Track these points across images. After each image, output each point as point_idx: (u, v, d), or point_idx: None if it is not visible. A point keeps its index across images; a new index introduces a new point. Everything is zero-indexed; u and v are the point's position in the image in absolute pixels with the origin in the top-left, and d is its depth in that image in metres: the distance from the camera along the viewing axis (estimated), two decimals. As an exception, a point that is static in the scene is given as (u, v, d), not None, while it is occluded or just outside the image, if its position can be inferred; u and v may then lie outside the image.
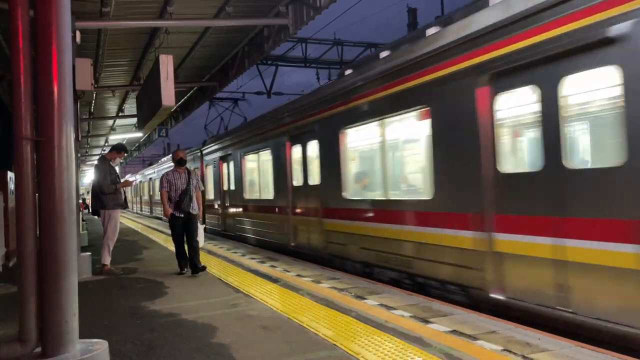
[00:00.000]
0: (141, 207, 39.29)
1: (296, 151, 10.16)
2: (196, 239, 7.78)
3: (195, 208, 7.85)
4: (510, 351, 3.84)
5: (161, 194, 7.88)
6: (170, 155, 9.57)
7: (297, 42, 19.16)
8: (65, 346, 2.96)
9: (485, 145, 5.35)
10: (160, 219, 27.24)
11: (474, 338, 4.19)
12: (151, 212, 32.73)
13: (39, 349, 2.99)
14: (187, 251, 7.77)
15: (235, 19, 8.86)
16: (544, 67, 4.73)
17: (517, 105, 5.19)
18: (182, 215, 7.69)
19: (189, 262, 7.75)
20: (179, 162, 8.03)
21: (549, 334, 4.33)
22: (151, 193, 33.38)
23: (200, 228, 8.18)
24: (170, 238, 8.16)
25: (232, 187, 14.68)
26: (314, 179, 9.42)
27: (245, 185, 13.72)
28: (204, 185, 12.79)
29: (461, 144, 5.72)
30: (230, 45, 11.19)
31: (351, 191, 8.34)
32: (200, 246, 8.09)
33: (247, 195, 13.57)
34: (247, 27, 9.96)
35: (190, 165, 16.18)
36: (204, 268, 7.66)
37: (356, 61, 12.62)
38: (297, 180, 10.15)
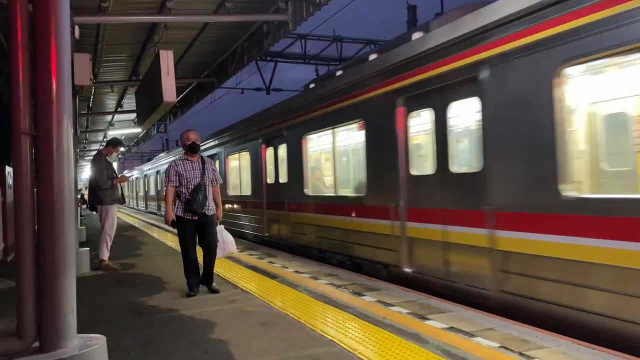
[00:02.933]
0: (146, 205, 38.01)
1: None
2: (215, 249, 6.08)
3: (212, 208, 6.06)
4: (507, 348, 3.86)
5: (166, 191, 6.05)
6: (180, 142, 6.58)
7: (296, 39, 19.16)
8: (63, 341, 2.96)
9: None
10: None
11: (472, 335, 4.20)
12: (146, 208, 32.70)
13: (37, 344, 2.99)
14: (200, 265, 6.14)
15: (235, 14, 8.83)
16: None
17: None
18: (195, 218, 5.92)
19: (202, 278, 6.10)
20: (192, 148, 6.08)
21: (546, 332, 4.35)
22: (146, 189, 32.95)
23: (225, 231, 6.38)
24: (164, 240, 7.81)
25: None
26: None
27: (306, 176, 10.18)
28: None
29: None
30: (230, 41, 11.16)
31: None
32: (233, 254, 6.80)
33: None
34: (247, 23, 9.93)
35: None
36: (217, 291, 6.02)
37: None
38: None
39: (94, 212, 8.51)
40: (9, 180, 9.28)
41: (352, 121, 8.19)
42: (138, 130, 22.17)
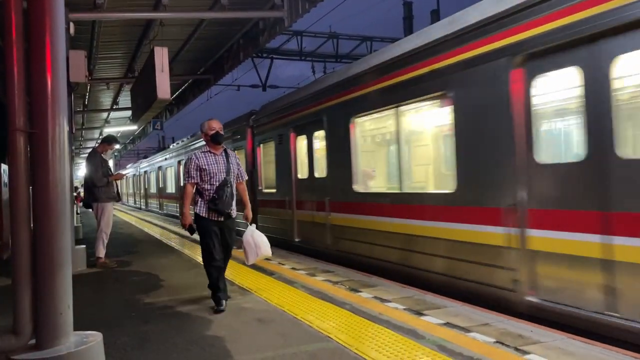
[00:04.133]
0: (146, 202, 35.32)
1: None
2: (230, 256, 5.53)
3: (235, 209, 5.41)
4: (502, 343, 3.88)
5: (184, 188, 5.28)
6: (201, 132, 5.67)
7: (292, 35, 19.13)
8: (60, 338, 2.97)
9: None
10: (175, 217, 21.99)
11: (467, 330, 4.22)
12: (147, 206, 30.36)
13: (33, 341, 3.00)
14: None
15: (230, 11, 8.80)
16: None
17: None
18: (221, 219, 5.21)
19: (229, 294, 5.42)
20: (215, 139, 5.31)
21: (541, 326, 4.37)
22: (146, 187, 30.16)
23: (257, 232, 5.57)
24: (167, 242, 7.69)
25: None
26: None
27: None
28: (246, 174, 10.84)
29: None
30: (225, 38, 11.14)
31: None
32: (269, 257, 5.86)
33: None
34: (242, 20, 9.91)
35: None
36: (219, 311, 5.09)
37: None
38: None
39: (90, 210, 8.49)
40: (4, 178, 9.25)
41: (431, 94, 6.26)
42: (134, 127, 22.10)
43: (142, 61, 10.68)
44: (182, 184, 5.34)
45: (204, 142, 5.53)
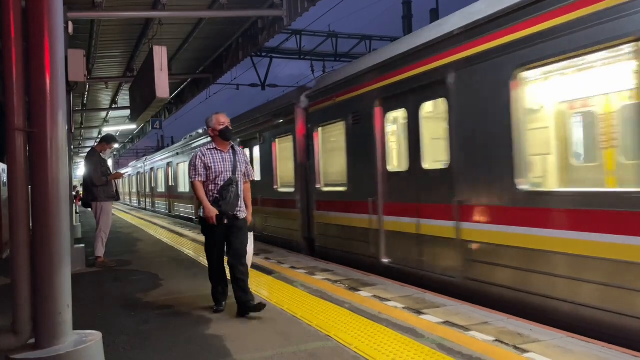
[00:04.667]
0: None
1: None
2: (244, 259, 4.97)
3: (244, 209, 5.04)
4: (502, 342, 3.88)
5: (194, 186, 4.95)
6: (207, 127, 5.16)
7: (291, 34, 19.12)
8: (59, 337, 2.96)
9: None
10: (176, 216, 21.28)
11: (467, 329, 4.22)
12: (153, 206, 27.77)
13: (32, 340, 2.99)
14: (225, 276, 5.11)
15: (229, 10, 8.79)
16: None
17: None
18: (225, 222, 4.86)
19: (236, 298, 4.87)
20: (224, 134, 5.01)
21: (540, 325, 4.37)
22: (153, 185, 27.47)
23: (250, 236, 5.27)
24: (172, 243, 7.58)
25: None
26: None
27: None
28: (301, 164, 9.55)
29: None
30: (224, 37, 11.12)
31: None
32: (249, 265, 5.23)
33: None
34: (241, 19, 9.90)
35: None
36: (261, 306, 4.72)
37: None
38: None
39: (89, 209, 8.49)
40: (3, 178, 9.24)
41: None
42: (133, 126, 22.10)
43: (140, 60, 10.66)
44: (190, 181, 5.01)
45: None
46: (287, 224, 10.32)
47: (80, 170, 32.70)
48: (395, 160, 7.31)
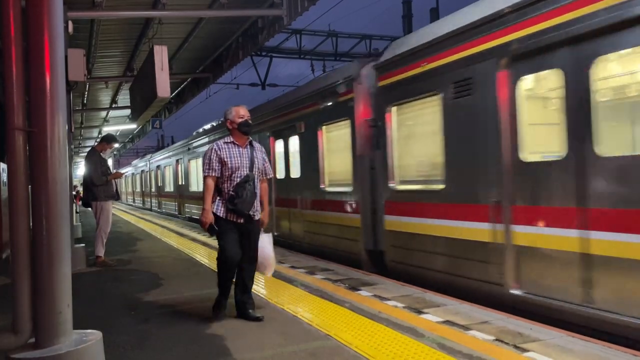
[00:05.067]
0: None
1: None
2: (256, 265, 4.82)
3: (259, 209, 4.75)
4: (502, 341, 3.88)
5: (205, 182, 4.62)
6: (225, 120, 4.80)
7: (291, 34, 19.12)
8: (59, 337, 2.96)
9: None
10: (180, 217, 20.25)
11: (467, 328, 4.23)
12: (160, 207, 25.59)
13: (33, 340, 3.00)
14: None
15: (229, 9, 8.79)
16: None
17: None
18: (241, 221, 4.58)
19: (237, 300, 4.72)
20: (242, 128, 4.69)
21: (540, 324, 4.37)
22: (160, 184, 25.13)
23: (267, 239, 4.99)
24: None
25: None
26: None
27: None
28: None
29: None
30: (224, 37, 11.12)
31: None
32: (271, 273, 5.21)
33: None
34: (241, 18, 9.90)
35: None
36: (258, 320, 4.56)
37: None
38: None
39: (89, 209, 8.49)
40: (3, 177, 9.24)
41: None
42: (133, 126, 22.08)
43: (140, 60, 10.67)
44: (203, 175, 4.67)
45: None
46: (340, 232, 8.26)
47: (80, 169, 32.66)
48: (536, 143, 5.15)
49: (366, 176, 7.50)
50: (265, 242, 4.95)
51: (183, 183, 20.31)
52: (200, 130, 18.50)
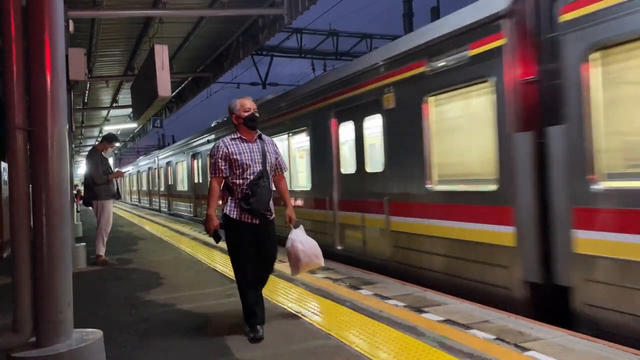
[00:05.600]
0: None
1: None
2: (272, 270, 4.45)
3: (273, 209, 4.33)
4: (503, 340, 3.88)
5: (210, 184, 4.25)
6: (230, 114, 4.41)
7: (292, 33, 19.12)
8: (60, 336, 2.97)
9: None
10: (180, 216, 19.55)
11: (467, 327, 4.22)
12: (169, 208, 23.14)
13: (33, 339, 3.00)
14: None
15: (230, 8, 8.80)
16: None
17: None
18: (257, 222, 4.17)
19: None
20: (250, 122, 4.27)
21: (541, 323, 4.37)
22: (171, 183, 22.18)
23: (301, 232, 4.60)
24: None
25: None
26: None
27: None
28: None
29: None
30: (225, 36, 11.13)
31: None
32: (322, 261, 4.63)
33: None
34: (242, 17, 9.90)
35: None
36: (260, 340, 4.03)
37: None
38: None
39: (90, 208, 8.50)
40: (4, 176, 9.24)
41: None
42: (134, 125, 22.11)
43: (141, 59, 10.68)
44: (211, 176, 4.25)
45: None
46: (467, 252, 5.60)
47: (81, 169, 32.71)
48: None
49: (526, 167, 4.96)
50: (300, 234, 4.57)
51: (200, 181, 17.48)
52: (225, 119, 15.20)
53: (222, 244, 4.41)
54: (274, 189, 4.39)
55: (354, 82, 7.70)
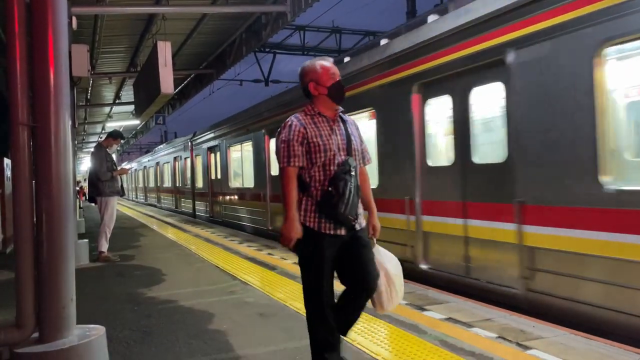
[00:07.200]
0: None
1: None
2: (371, 294, 3.08)
3: (362, 213, 3.16)
4: (504, 338, 3.88)
5: (284, 175, 3.02)
6: (304, 82, 3.12)
7: (295, 30, 19.11)
8: (63, 331, 2.97)
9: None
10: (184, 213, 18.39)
11: (469, 325, 4.22)
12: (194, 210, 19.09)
13: (36, 334, 3.01)
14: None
15: (233, 5, 8.80)
16: None
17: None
18: (342, 233, 3.01)
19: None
20: (336, 93, 3.14)
21: (543, 322, 4.37)
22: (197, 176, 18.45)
23: (387, 255, 3.23)
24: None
25: None
26: None
27: None
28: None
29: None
30: (228, 33, 11.12)
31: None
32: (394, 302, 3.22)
33: None
34: (245, 14, 9.89)
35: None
36: None
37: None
38: None
39: (94, 204, 8.53)
40: (7, 172, 9.27)
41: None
42: (136, 122, 22.10)
43: (144, 55, 10.68)
44: (281, 167, 3.03)
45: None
46: None
47: (84, 165, 32.79)
48: None
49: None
50: (390, 257, 3.23)
51: (222, 177, 15.11)
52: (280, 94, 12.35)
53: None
54: None
55: (454, 40, 5.84)
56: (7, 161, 9.19)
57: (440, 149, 6.57)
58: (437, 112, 6.41)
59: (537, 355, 3.52)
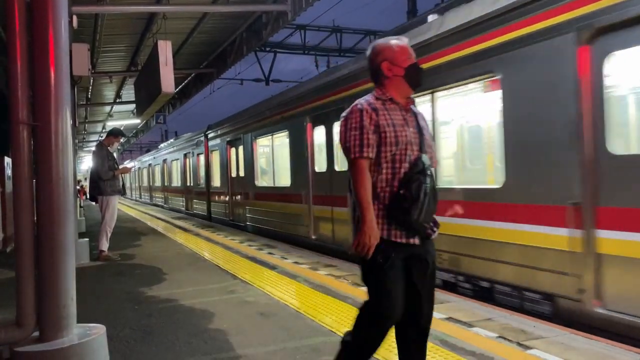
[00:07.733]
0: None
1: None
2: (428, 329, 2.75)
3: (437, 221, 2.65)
4: (505, 338, 3.88)
5: (356, 168, 2.51)
6: (374, 63, 2.63)
7: (295, 29, 19.10)
8: (63, 330, 2.98)
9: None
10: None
11: (470, 325, 4.22)
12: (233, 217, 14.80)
13: (36, 333, 3.01)
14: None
15: (234, 4, 8.79)
16: None
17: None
18: (416, 242, 2.54)
19: None
20: (414, 77, 2.65)
21: (544, 322, 4.37)
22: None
23: None
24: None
25: None
26: None
27: None
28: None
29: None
30: (228, 32, 11.11)
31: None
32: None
33: None
34: (246, 14, 9.88)
35: None
36: None
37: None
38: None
39: (94, 203, 8.53)
40: (8, 171, 9.27)
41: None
42: (137, 121, 22.09)
43: (145, 54, 10.67)
44: (350, 158, 2.56)
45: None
46: None
47: (84, 164, 32.81)
48: None
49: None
50: None
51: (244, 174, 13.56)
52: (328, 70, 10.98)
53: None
54: None
55: None
56: (7, 160, 9.19)
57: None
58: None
59: (537, 355, 3.51)
